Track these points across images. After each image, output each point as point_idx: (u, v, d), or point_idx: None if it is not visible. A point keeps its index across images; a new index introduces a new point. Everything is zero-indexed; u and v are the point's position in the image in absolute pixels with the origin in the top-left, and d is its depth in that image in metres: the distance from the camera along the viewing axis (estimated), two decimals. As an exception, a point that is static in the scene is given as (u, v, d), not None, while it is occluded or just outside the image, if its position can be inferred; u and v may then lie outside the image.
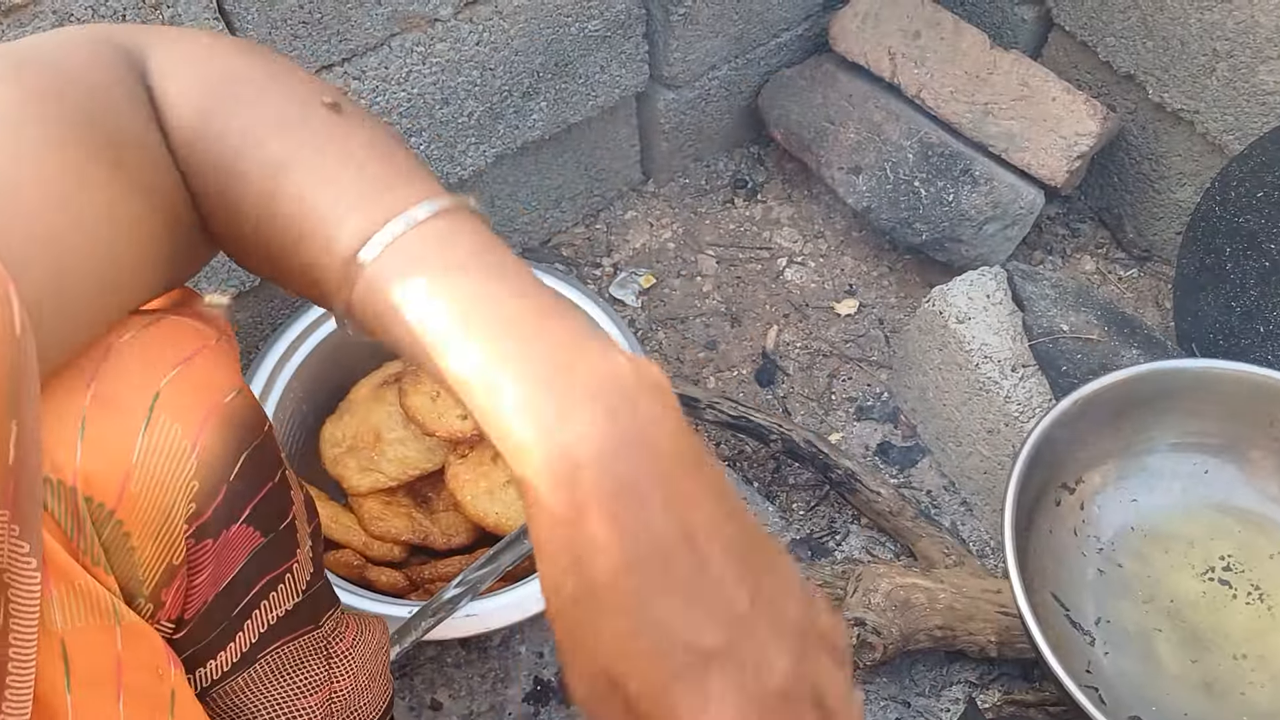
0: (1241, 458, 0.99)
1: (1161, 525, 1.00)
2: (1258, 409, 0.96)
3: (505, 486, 1.06)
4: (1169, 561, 0.98)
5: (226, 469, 0.52)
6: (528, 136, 1.26)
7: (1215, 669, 0.93)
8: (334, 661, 0.67)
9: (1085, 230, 1.43)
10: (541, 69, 1.21)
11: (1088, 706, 0.79)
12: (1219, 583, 0.97)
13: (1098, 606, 0.96)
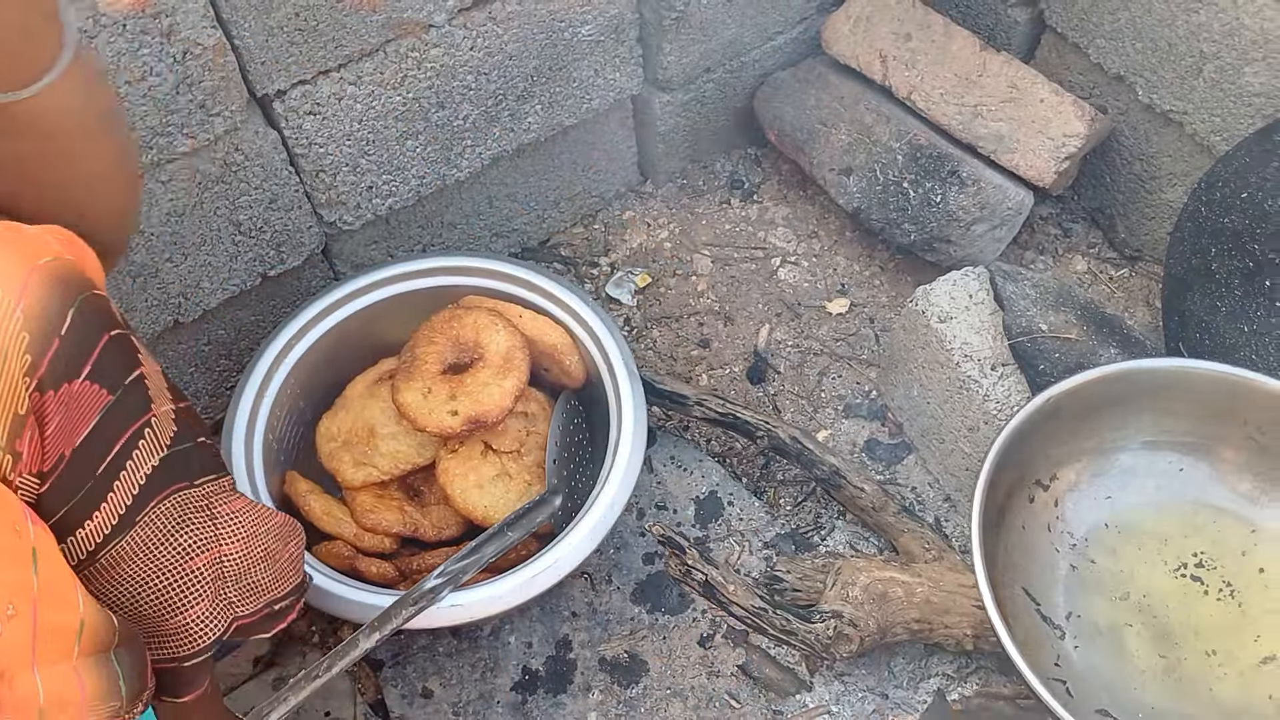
0: (1214, 456, 1.00)
1: (1135, 522, 1.01)
2: (1230, 408, 0.97)
3: (494, 480, 1.09)
4: (1141, 558, 1.00)
5: (55, 322, 0.57)
6: (523, 139, 1.29)
7: (1184, 664, 0.94)
8: (219, 523, 0.70)
9: (1077, 230, 1.45)
10: (536, 73, 1.24)
11: (1046, 698, 0.81)
12: (1191, 579, 0.98)
13: (1069, 601, 0.98)
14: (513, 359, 1.10)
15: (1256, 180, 1.14)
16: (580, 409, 1.17)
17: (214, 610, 0.70)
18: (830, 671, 1.11)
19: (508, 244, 1.44)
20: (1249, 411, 0.97)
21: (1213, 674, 0.94)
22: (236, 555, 0.71)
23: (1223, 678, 0.93)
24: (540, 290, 1.17)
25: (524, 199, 1.40)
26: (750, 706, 1.10)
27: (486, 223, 1.39)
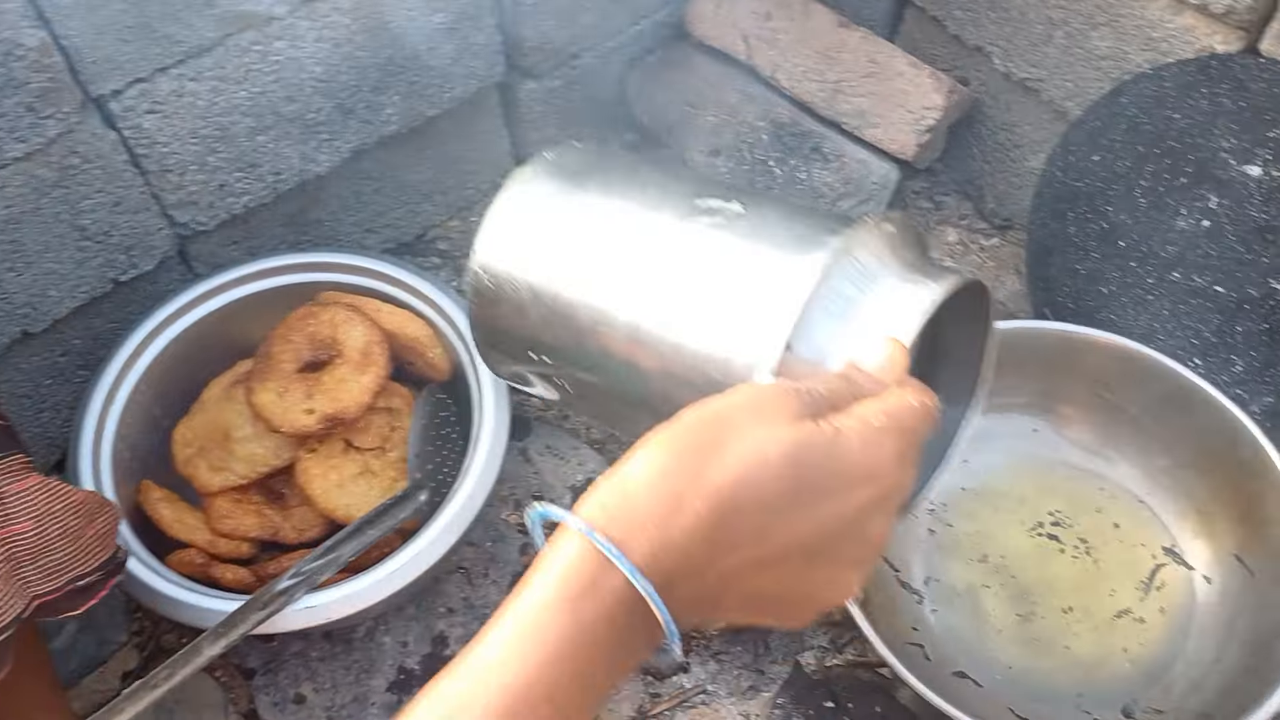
0: (1062, 415, 1.02)
1: (991, 484, 1.02)
2: (1073, 365, 0.99)
3: (356, 479, 1.07)
4: (998, 519, 1.00)
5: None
6: (383, 131, 1.27)
7: (1041, 622, 0.95)
8: (7, 503, 0.68)
9: (949, 203, 1.46)
10: (390, 63, 1.22)
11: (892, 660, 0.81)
12: (1047, 538, 0.99)
13: (927, 566, 0.98)
14: (371, 354, 1.08)
15: (1107, 143, 1.15)
16: (448, 402, 1.15)
17: (8, 590, 0.68)
18: (707, 651, 1.11)
19: (380, 240, 1.42)
20: (1091, 368, 0.98)
21: (1069, 630, 0.95)
22: (30, 534, 0.70)
23: (1079, 634, 0.95)
24: (400, 284, 1.15)
25: (393, 193, 1.38)
26: (627, 690, 1.09)
27: (356, 219, 1.37)
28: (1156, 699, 0.89)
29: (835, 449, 0.48)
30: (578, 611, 0.45)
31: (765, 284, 0.59)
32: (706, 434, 0.48)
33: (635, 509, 0.46)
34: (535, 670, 0.44)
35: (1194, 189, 1.08)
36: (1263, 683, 0.81)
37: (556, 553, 0.46)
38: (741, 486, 0.47)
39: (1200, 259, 1.09)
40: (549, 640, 0.45)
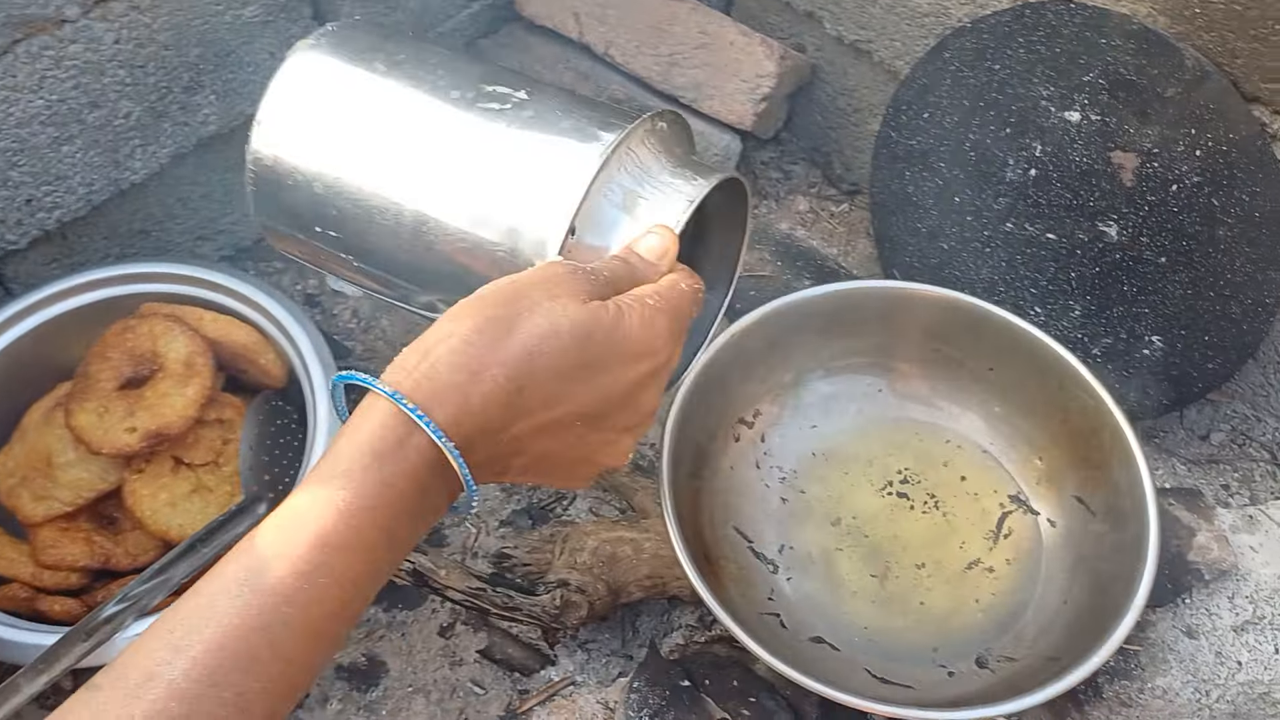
0: (901, 372, 1.02)
1: (840, 447, 1.02)
2: (906, 321, 0.99)
3: (189, 496, 1.02)
4: (849, 481, 1.00)
5: None
6: (202, 133, 1.22)
7: (895, 581, 0.95)
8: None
9: (798, 171, 1.46)
10: (201, 61, 1.16)
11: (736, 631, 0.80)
12: (897, 495, 0.99)
13: (780, 534, 0.97)
14: (194, 365, 1.03)
15: (934, 99, 1.16)
16: (286, 409, 1.10)
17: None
18: (574, 642, 1.08)
19: (217, 247, 1.36)
20: (924, 323, 0.98)
21: (922, 585, 0.95)
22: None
23: (932, 588, 0.95)
24: (226, 290, 1.10)
25: (223, 197, 1.32)
26: (495, 690, 1.06)
27: (184, 227, 1.31)
28: (1009, 646, 0.90)
29: (618, 326, 0.55)
30: (384, 469, 0.49)
31: (550, 171, 0.62)
32: (505, 307, 0.53)
33: (438, 376, 0.51)
34: (344, 521, 0.48)
35: (1019, 139, 1.09)
36: (1105, 621, 0.81)
37: (364, 417, 0.50)
38: (537, 356, 0.52)
39: (1031, 208, 1.10)
40: (357, 495, 0.49)
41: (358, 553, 0.49)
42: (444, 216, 0.63)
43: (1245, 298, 1.03)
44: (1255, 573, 0.92)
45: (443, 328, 0.53)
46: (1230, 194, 0.99)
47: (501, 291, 0.54)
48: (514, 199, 0.62)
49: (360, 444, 0.50)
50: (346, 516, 0.49)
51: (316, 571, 0.48)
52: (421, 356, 0.52)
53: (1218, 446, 1.20)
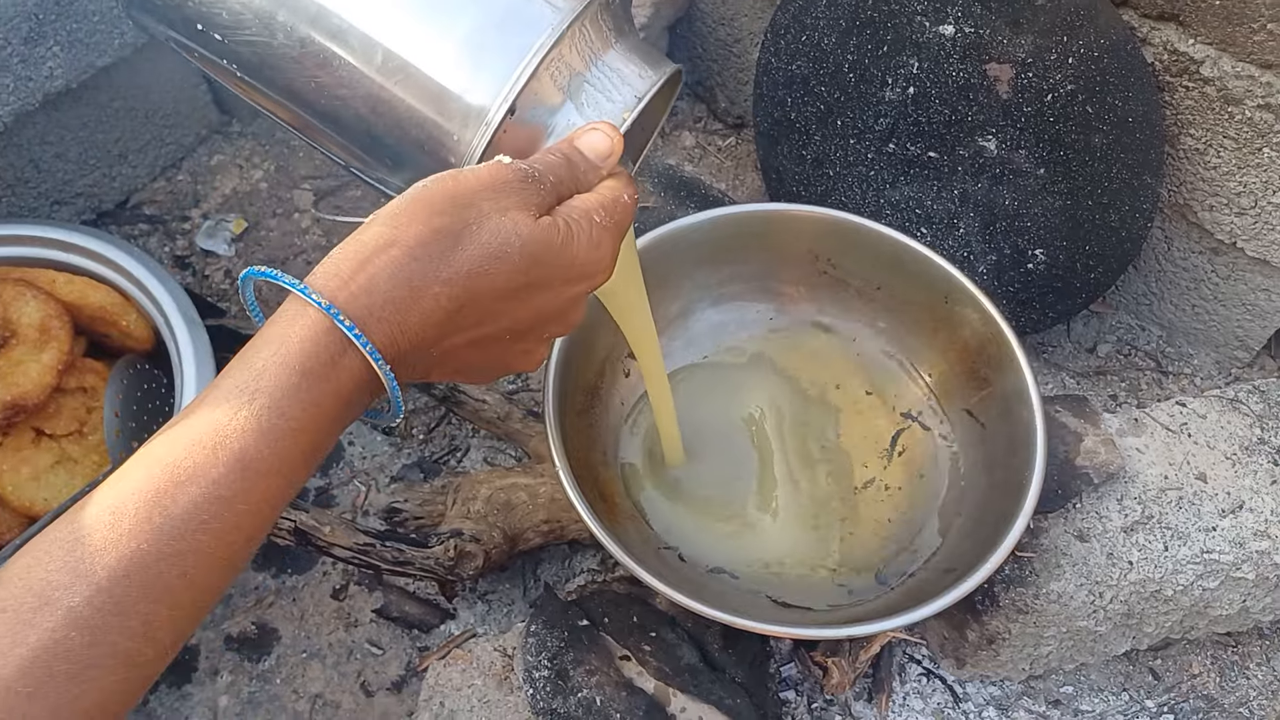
0: (794, 296, 1.00)
1: (732, 375, 1.00)
2: (793, 245, 0.97)
3: (53, 469, 0.97)
4: (743, 409, 0.99)
5: None
6: (49, 88, 1.14)
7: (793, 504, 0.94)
8: None
9: (682, 107, 1.43)
10: (40, 10, 1.09)
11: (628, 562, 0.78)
12: (791, 419, 0.98)
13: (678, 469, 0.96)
14: (50, 329, 0.97)
15: (811, 21, 1.14)
16: (155, 373, 1.05)
17: None
18: (473, 594, 1.06)
19: (75, 211, 1.29)
20: (810, 245, 0.97)
21: (820, 507, 0.94)
22: None
23: (829, 509, 0.94)
24: (80, 250, 1.04)
25: (78, 157, 1.25)
26: (393, 649, 1.03)
27: (39, 190, 1.23)
28: (906, 562, 0.89)
29: (567, 248, 0.52)
30: (313, 389, 0.46)
31: (495, 32, 0.55)
32: (451, 216, 0.49)
33: (376, 290, 0.47)
34: (267, 444, 0.45)
35: (896, 56, 1.07)
36: (998, 530, 0.81)
37: (290, 325, 0.46)
38: (481, 277, 0.49)
39: (912, 127, 1.08)
40: (283, 416, 0.45)
41: (279, 476, 0.46)
42: (355, 58, 0.56)
43: (1123, 205, 1.03)
44: (1142, 474, 0.93)
45: (383, 233, 0.48)
46: (1104, 101, 0.99)
47: (447, 195, 0.50)
48: (447, 56, 0.55)
49: (287, 359, 0.46)
50: (270, 439, 0.45)
51: (236, 497, 0.44)
52: (359, 266, 0.47)
53: (1104, 358, 1.22)
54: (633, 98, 0.59)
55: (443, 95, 0.55)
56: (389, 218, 0.49)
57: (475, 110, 0.55)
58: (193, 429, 0.44)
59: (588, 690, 0.82)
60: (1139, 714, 0.99)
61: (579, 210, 0.54)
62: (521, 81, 0.55)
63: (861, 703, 0.97)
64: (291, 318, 0.47)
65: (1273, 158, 0.99)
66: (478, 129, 0.55)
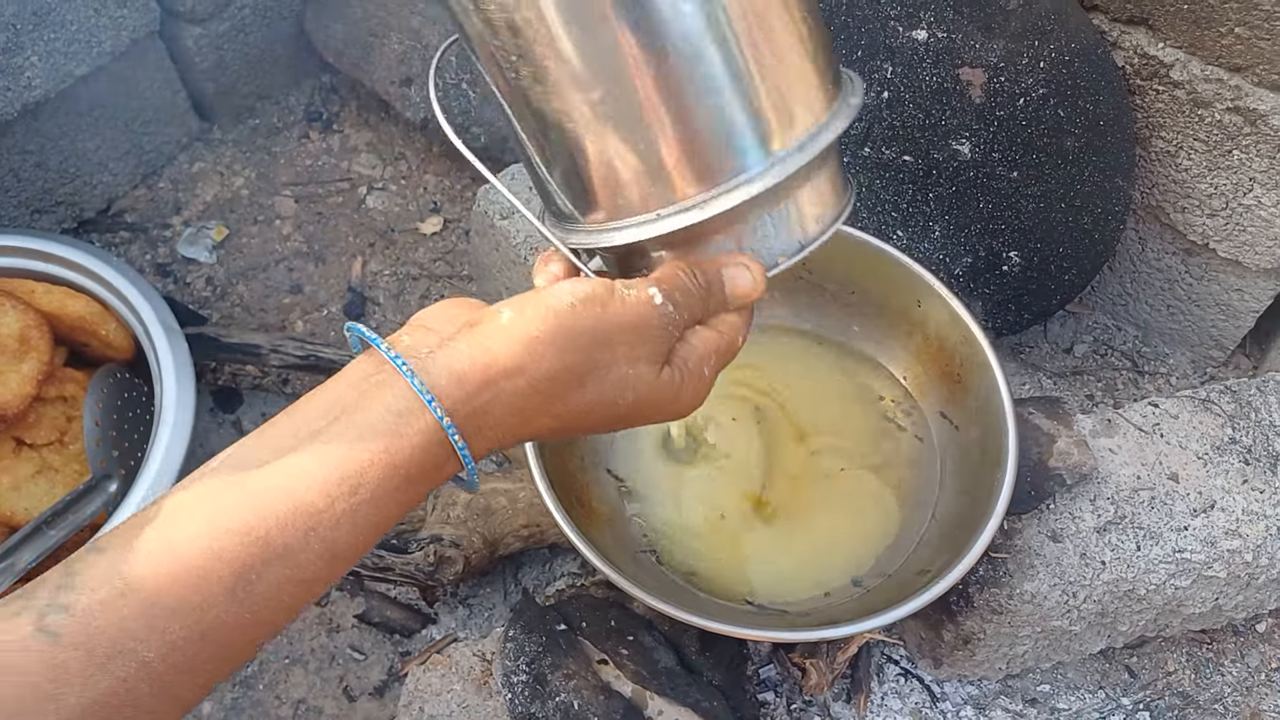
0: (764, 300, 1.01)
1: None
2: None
3: (34, 478, 0.97)
4: (721, 414, 0.99)
5: None
6: (28, 97, 1.14)
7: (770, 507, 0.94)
8: None
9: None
10: (17, 20, 1.09)
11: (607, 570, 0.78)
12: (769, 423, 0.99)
13: (652, 472, 0.96)
14: (29, 339, 0.97)
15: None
16: (135, 382, 1.05)
17: None
18: (454, 599, 1.07)
19: (56, 220, 1.29)
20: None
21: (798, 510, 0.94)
22: None
23: (807, 512, 0.94)
24: (59, 260, 1.04)
25: (59, 166, 1.25)
26: (375, 654, 1.04)
27: (20, 199, 1.23)
28: (883, 564, 0.90)
29: (675, 400, 0.55)
30: (412, 492, 0.47)
31: (722, 156, 0.55)
32: (586, 355, 0.51)
33: (491, 413, 0.49)
34: (359, 537, 0.46)
35: (870, 61, 1.08)
36: (971, 531, 0.82)
37: (409, 429, 0.46)
38: (588, 416, 0.52)
39: (886, 131, 1.09)
40: (379, 514, 0.46)
41: (356, 559, 0.48)
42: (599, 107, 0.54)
43: (1095, 207, 1.04)
44: (1115, 474, 0.94)
45: (515, 356, 0.49)
46: (1075, 104, 1.00)
47: (588, 332, 0.51)
48: (671, 147, 0.54)
49: (395, 463, 0.46)
50: (361, 532, 0.46)
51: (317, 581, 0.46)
52: (483, 385, 0.48)
53: (1081, 358, 1.23)
54: (797, 245, 0.59)
55: (662, 171, 0.55)
56: (527, 340, 0.49)
57: (675, 202, 0.55)
58: (289, 503, 0.45)
59: (566, 694, 0.82)
60: (1115, 711, 1.00)
61: (696, 357, 0.55)
62: (718, 210, 0.55)
63: (840, 703, 0.98)
64: (407, 415, 0.47)
65: (1242, 160, 1.00)
66: (654, 222, 0.55)
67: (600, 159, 0.55)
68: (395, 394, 0.47)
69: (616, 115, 0.54)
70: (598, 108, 0.54)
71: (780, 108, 0.56)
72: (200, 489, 0.45)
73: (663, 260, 0.58)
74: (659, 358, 0.54)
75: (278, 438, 0.47)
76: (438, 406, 0.47)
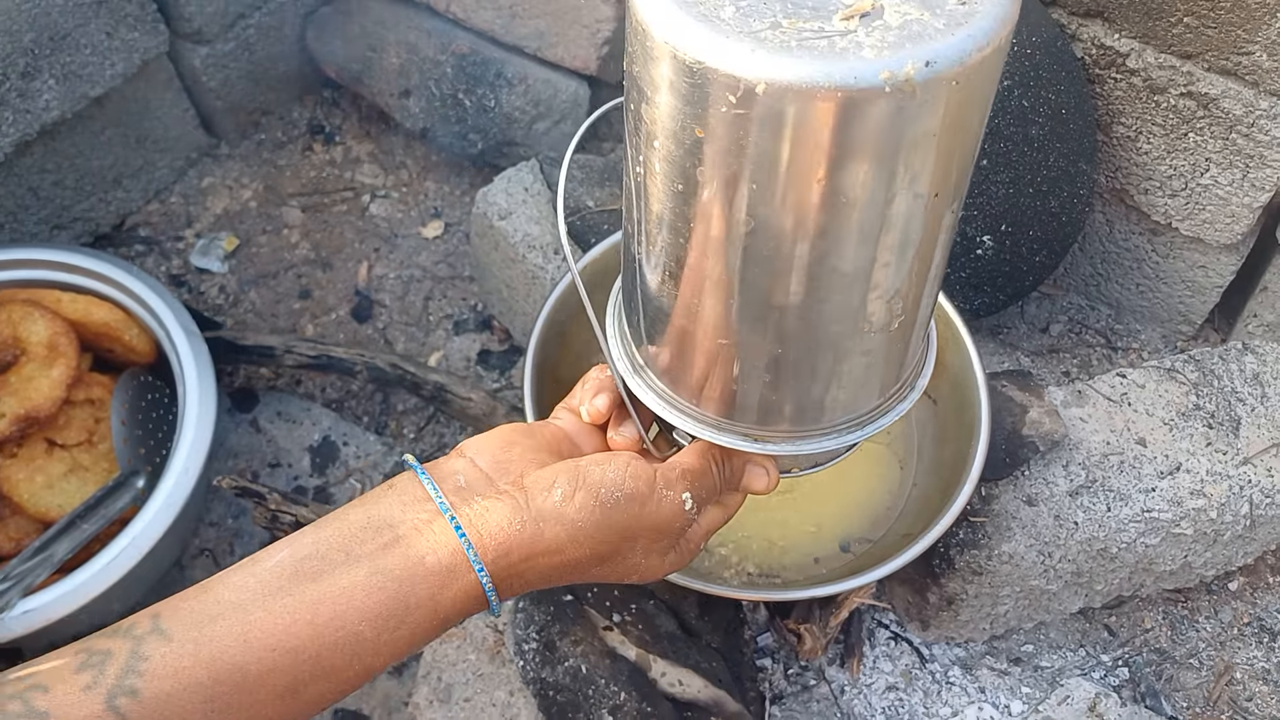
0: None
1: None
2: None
3: (66, 477, 1.03)
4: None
5: None
6: (45, 119, 1.20)
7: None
8: None
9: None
10: (36, 46, 1.15)
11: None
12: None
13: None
14: (58, 346, 1.03)
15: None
16: (157, 384, 1.11)
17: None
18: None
19: (73, 235, 1.35)
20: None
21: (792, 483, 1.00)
22: None
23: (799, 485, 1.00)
24: (82, 271, 1.10)
25: (75, 183, 1.31)
26: (393, 635, 1.09)
27: (39, 216, 1.29)
28: (868, 531, 0.96)
29: (665, 569, 0.62)
30: (444, 627, 0.54)
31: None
32: (613, 546, 0.58)
33: (525, 579, 0.56)
34: (393, 660, 0.53)
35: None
36: (946, 497, 0.88)
37: (454, 583, 0.53)
38: (598, 578, 0.60)
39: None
40: (413, 646, 0.53)
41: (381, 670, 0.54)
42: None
43: (1061, 191, 1.10)
44: (1086, 441, 1.00)
45: (558, 539, 0.56)
46: (1038, 94, 1.06)
47: (621, 529, 0.57)
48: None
49: (437, 610, 0.53)
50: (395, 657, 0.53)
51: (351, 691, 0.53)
52: (526, 558, 0.55)
53: (1057, 337, 1.28)
54: (812, 464, 0.67)
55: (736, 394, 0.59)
56: (570, 528, 0.56)
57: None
58: (341, 632, 0.51)
59: (574, 659, 0.88)
60: (1096, 668, 1.06)
61: (700, 534, 0.63)
62: (773, 451, 0.62)
63: (834, 667, 1.03)
64: (454, 570, 0.53)
65: (1198, 142, 1.06)
66: (715, 431, 0.61)
67: (707, 345, 0.57)
68: (445, 548, 0.54)
69: (750, 349, 0.56)
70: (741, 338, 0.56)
71: (869, 390, 0.61)
72: (261, 584, 0.51)
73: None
74: (669, 550, 0.61)
75: (333, 547, 0.53)
76: (485, 577, 0.54)
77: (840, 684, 1.02)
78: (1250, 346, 1.06)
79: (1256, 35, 0.96)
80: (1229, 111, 1.02)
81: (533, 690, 0.88)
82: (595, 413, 0.65)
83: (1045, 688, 1.03)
